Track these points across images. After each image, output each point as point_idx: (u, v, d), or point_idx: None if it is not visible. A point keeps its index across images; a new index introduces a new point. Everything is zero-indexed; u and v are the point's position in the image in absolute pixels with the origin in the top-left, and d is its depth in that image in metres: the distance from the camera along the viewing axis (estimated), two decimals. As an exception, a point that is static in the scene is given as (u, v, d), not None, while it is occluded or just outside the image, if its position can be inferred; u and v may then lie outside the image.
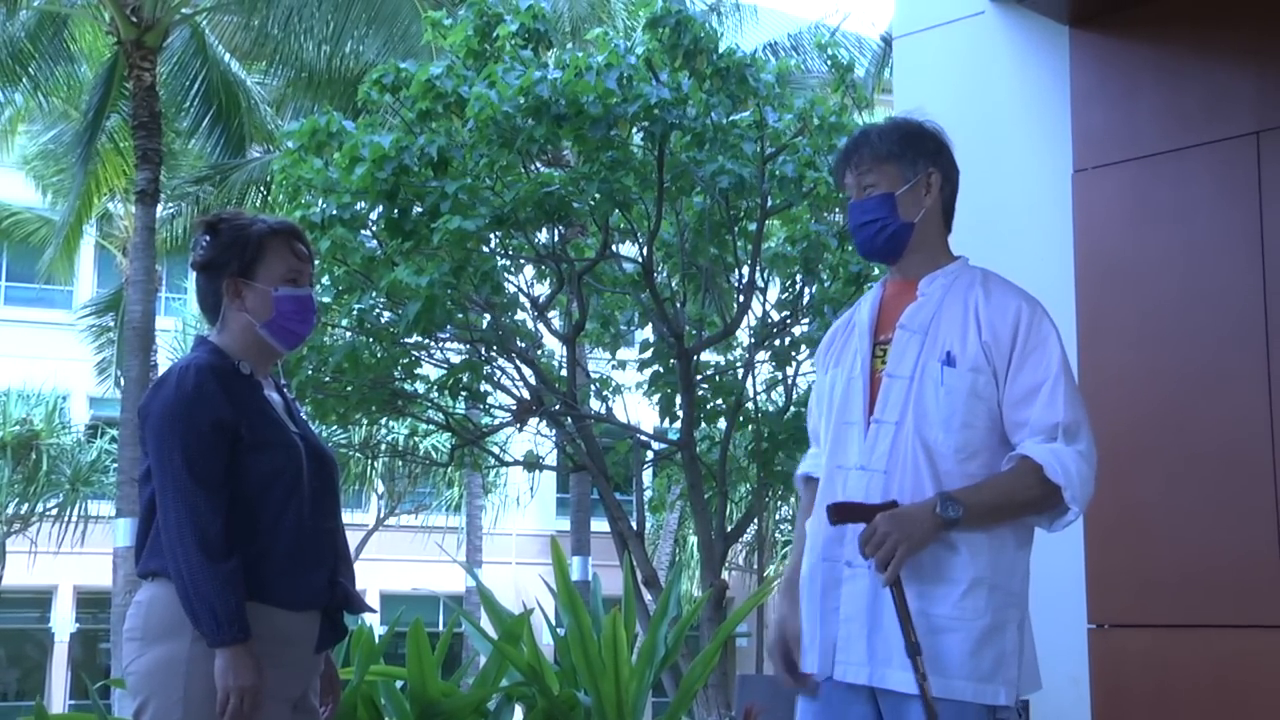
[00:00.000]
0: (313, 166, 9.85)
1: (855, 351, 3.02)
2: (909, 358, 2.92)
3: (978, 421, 2.88)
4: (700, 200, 10.29)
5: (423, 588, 17.49)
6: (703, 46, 9.72)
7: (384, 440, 17.12)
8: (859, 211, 3.03)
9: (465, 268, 9.65)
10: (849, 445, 2.94)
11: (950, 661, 2.79)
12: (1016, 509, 2.87)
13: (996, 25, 5.34)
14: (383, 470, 21.93)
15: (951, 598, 2.82)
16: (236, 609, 2.96)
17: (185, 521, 2.98)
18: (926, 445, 2.86)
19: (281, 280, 3.20)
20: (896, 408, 2.90)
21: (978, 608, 2.82)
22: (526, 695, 5.80)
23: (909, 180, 3.02)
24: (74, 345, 22.80)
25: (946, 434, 2.86)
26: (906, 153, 3.04)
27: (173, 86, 16.85)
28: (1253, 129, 4.60)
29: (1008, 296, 2.98)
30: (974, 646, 2.80)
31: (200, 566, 2.95)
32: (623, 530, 10.97)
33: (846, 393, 2.98)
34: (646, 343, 11.48)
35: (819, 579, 2.92)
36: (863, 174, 3.03)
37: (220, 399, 3.07)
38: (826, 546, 2.91)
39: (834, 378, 3.05)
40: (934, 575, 2.82)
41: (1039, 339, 2.92)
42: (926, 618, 2.80)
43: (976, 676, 2.80)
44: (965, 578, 2.83)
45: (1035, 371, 2.88)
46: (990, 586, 2.84)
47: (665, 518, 20.66)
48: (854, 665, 2.84)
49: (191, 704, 2.98)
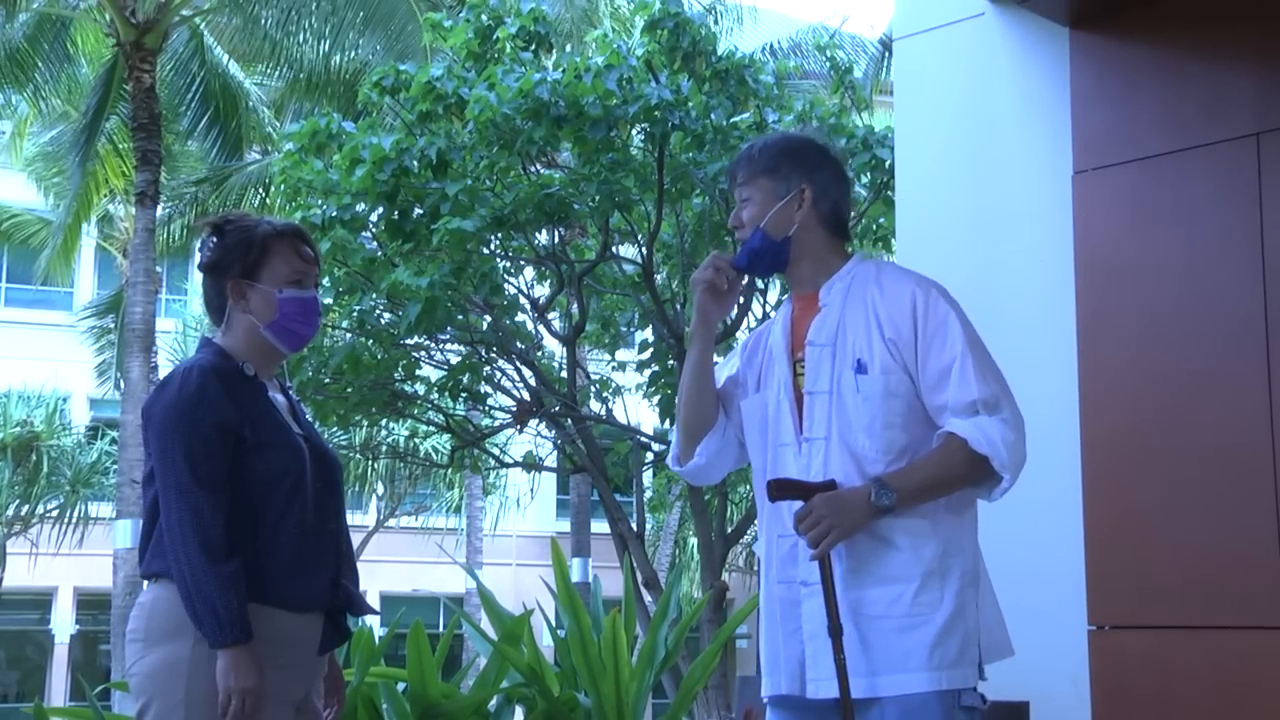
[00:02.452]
0: (313, 168, 9.86)
1: (776, 373, 3.03)
2: (824, 372, 2.94)
3: (897, 420, 2.90)
4: (700, 201, 10.30)
5: (423, 589, 17.50)
6: (701, 48, 9.73)
7: (384, 442, 17.12)
8: (744, 250, 3.06)
9: (465, 269, 9.66)
10: (786, 466, 2.95)
11: (918, 658, 2.81)
12: (948, 484, 2.88)
13: (996, 27, 5.34)
14: (383, 472, 21.93)
15: (906, 598, 2.83)
16: (238, 610, 2.96)
17: (187, 523, 2.99)
18: (854, 454, 2.88)
19: (285, 282, 3.21)
20: (822, 423, 2.92)
21: (934, 600, 2.84)
22: (527, 697, 5.80)
23: (781, 195, 3.03)
24: (74, 347, 22.81)
25: (870, 439, 2.88)
26: (782, 167, 3.05)
27: (172, 88, 16.87)
28: (1253, 131, 4.60)
29: (900, 285, 2.98)
30: (937, 639, 2.82)
31: (202, 568, 2.96)
32: (623, 531, 10.97)
33: (776, 415, 3.00)
34: (646, 344, 11.49)
35: (776, 600, 2.94)
36: (740, 186, 3.07)
37: (223, 400, 3.08)
38: (781, 568, 2.94)
39: (762, 400, 3.05)
40: (884, 576, 2.84)
41: (938, 321, 2.92)
42: (884, 620, 2.82)
43: (944, 665, 2.82)
44: (916, 574, 2.84)
45: (941, 354, 2.90)
46: (943, 574, 2.86)
47: (665, 519, 20.67)
48: (824, 680, 2.84)
49: (193, 706, 2.99)
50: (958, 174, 5.40)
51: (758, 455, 3.05)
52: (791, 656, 2.89)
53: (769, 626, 2.96)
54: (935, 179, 5.53)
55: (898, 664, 2.80)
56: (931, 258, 5.43)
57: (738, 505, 13.25)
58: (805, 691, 2.87)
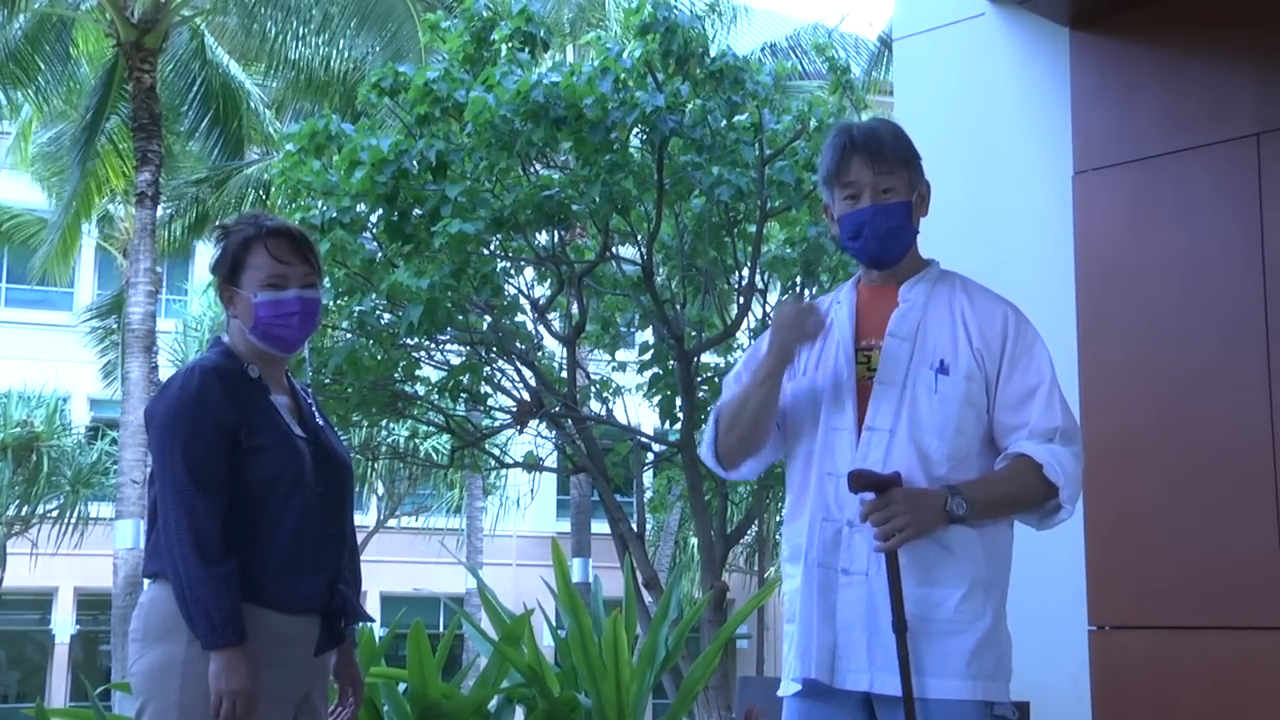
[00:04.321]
0: (312, 169, 9.85)
1: (837, 357, 2.99)
2: (900, 365, 2.91)
3: (969, 428, 2.89)
4: (699, 203, 10.30)
5: (423, 589, 17.48)
6: (693, 51, 9.71)
7: (384, 442, 17.11)
8: (883, 217, 2.97)
9: (465, 270, 9.66)
10: (839, 452, 2.92)
11: (957, 663, 2.81)
12: (1016, 506, 2.89)
13: (996, 27, 5.34)
14: (383, 472, 21.92)
15: (951, 601, 2.83)
16: (231, 612, 2.96)
17: (183, 524, 2.99)
18: (921, 452, 2.86)
19: (261, 285, 3.20)
20: (889, 415, 2.89)
21: (977, 609, 2.84)
22: (527, 697, 5.80)
23: (915, 188, 3.04)
24: (75, 347, 22.80)
25: (941, 441, 2.87)
26: (916, 160, 3.06)
27: (172, 88, 16.87)
28: (1253, 131, 4.60)
29: (992, 303, 3.00)
30: (977, 648, 2.82)
31: (196, 568, 2.96)
32: (623, 532, 10.97)
33: (833, 399, 2.96)
34: (646, 345, 11.49)
35: (814, 584, 2.90)
36: (882, 175, 2.98)
37: (223, 402, 3.08)
38: (822, 553, 2.90)
39: (813, 383, 3.01)
40: (932, 579, 2.83)
41: (1026, 344, 2.94)
42: (928, 623, 2.81)
43: (982, 675, 2.82)
44: (964, 580, 2.84)
45: (1027, 376, 2.91)
46: (987, 586, 2.86)
47: (665, 519, 20.66)
48: (855, 672, 2.84)
49: (187, 707, 2.99)
50: (958, 174, 5.40)
51: (803, 438, 3.01)
52: (824, 644, 2.87)
53: (804, 608, 2.92)
54: (935, 179, 5.46)
55: (937, 667, 2.79)
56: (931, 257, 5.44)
57: (738, 506, 13.24)
58: (833, 680, 2.86)
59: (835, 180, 3.02)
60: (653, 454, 12.62)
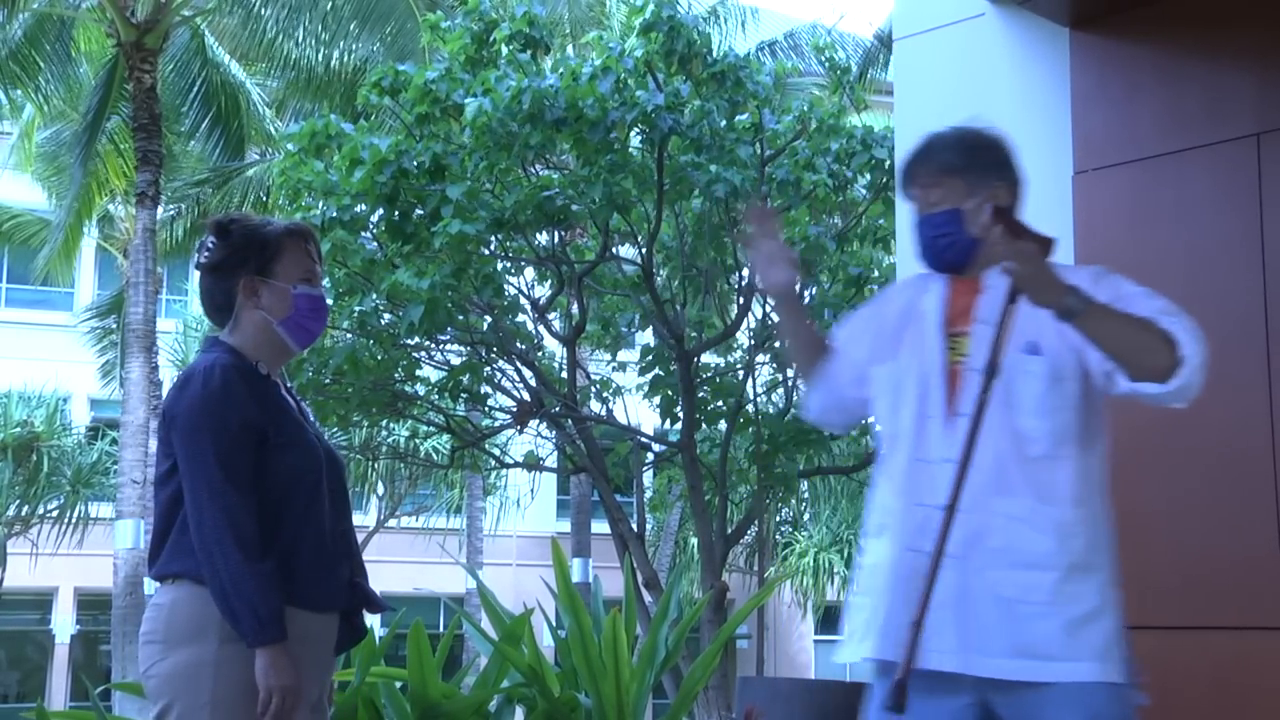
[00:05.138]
0: (312, 169, 9.86)
1: (926, 343, 3.02)
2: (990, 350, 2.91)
3: (1069, 402, 2.91)
4: (699, 203, 10.30)
5: (423, 589, 17.47)
6: (696, 51, 9.72)
7: (384, 442, 17.11)
8: (927, 226, 3.02)
9: (466, 270, 9.66)
10: (930, 438, 2.94)
11: (1053, 645, 2.80)
12: (1133, 340, 2.84)
13: (996, 27, 5.34)
14: (383, 472, 21.92)
15: (1046, 585, 2.83)
16: (277, 609, 2.97)
17: (222, 522, 2.98)
18: (1015, 434, 2.87)
19: (298, 279, 3.23)
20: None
21: (1076, 592, 2.84)
22: (527, 697, 5.80)
23: (975, 194, 3.01)
24: (75, 347, 22.80)
25: (1038, 419, 2.88)
26: (974, 166, 3.03)
27: (173, 88, 16.87)
28: (1253, 131, 4.60)
29: (1077, 271, 3.00)
30: (1075, 628, 2.81)
31: (240, 567, 2.95)
32: (623, 532, 10.97)
33: (922, 386, 2.98)
34: (646, 345, 11.49)
35: (903, 568, 2.90)
36: (929, 188, 3.02)
37: (246, 398, 3.08)
38: (911, 536, 2.91)
39: (903, 368, 3.03)
40: (1028, 561, 2.83)
41: (1112, 283, 2.96)
42: (1021, 605, 2.81)
43: (1089, 656, 2.81)
44: (1061, 564, 2.84)
45: (1119, 286, 2.94)
46: (1086, 568, 2.87)
47: (666, 519, 20.65)
48: (943, 653, 2.83)
49: (219, 706, 2.98)
50: (958, 174, 5.39)
51: (892, 420, 3.03)
52: (905, 625, 2.85)
53: (889, 591, 2.91)
54: (935, 179, 5.53)
55: (1033, 649, 2.79)
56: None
57: (738, 506, 13.23)
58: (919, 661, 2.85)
59: (904, 197, 3.12)
60: (653, 454, 12.62)
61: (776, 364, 11.64)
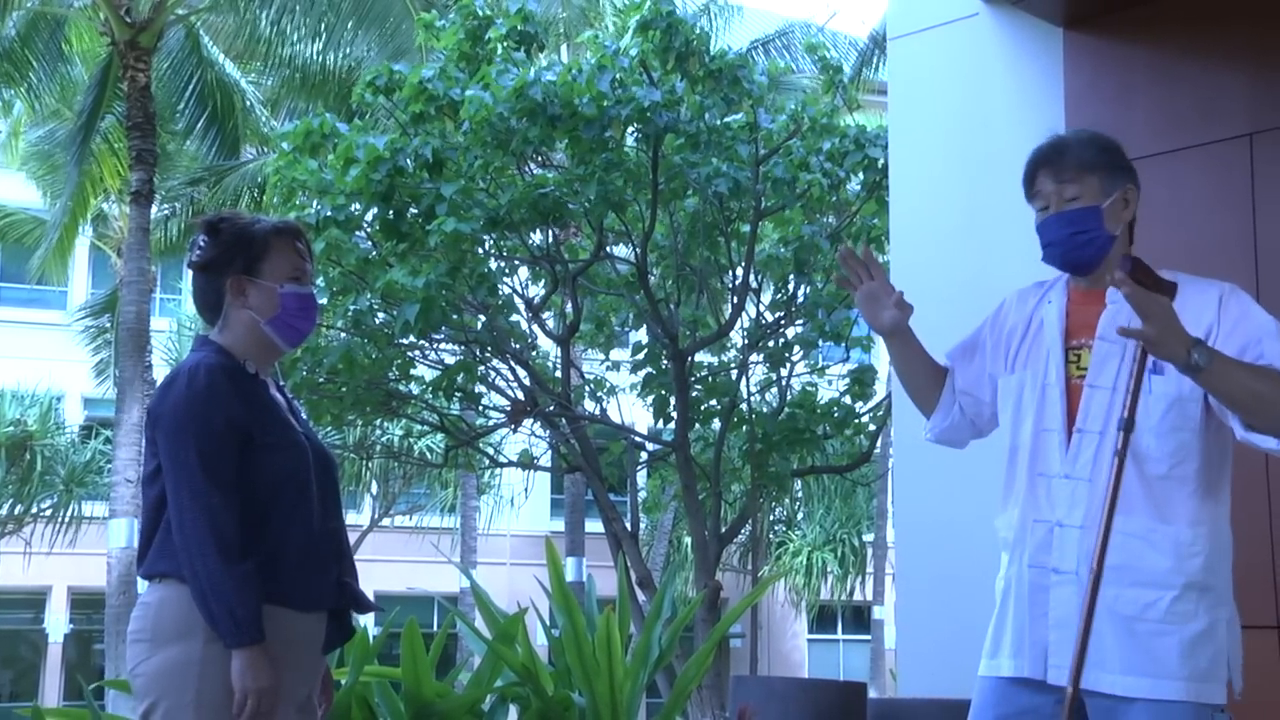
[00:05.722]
0: (307, 168, 9.86)
1: (1048, 357, 3.01)
2: (1110, 368, 2.92)
3: (1188, 424, 2.89)
4: (693, 202, 10.31)
5: (417, 588, 17.47)
6: (694, 49, 9.73)
7: (379, 441, 17.12)
8: (1063, 223, 2.99)
9: (460, 269, 9.66)
10: (1048, 453, 2.95)
11: (1168, 663, 2.82)
12: (1259, 394, 2.80)
13: (991, 27, 5.35)
14: (377, 471, 21.92)
15: (1163, 603, 2.84)
16: (255, 610, 2.96)
17: (202, 523, 2.98)
18: (1136, 453, 2.85)
19: (286, 277, 3.22)
20: (1100, 418, 2.90)
21: (1190, 611, 2.85)
22: (521, 696, 5.80)
23: (1110, 193, 3.01)
24: (69, 346, 22.76)
25: (1158, 439, 2.87)
26: (1109, 165, 3.04)
27: (168, 87, 16.84)
28: (1246, 131, 4.61)
29: (1205, 289, 2.97)
30: (1189, 648, 2.83)
31: (218, 568, 2.95)
32: (617, 531, 10.98)
33: (1041, 399, 2.99)
34: (640, 344, 11.49)
35: (1026, 584, 2.94)
36: (1065, 183, 3.00)
37: (232, 398, 3.08)
38: (1034, 553, 2.93)
39: (1023, 380, 3.04)
40: (1146, 580, 2.84)
41: (1242, 309, 2.92)
42: (1139, 622, 2.83)
43: (1195, 677, 2.83)
44: (1178, 583, 2.85)
45: (1249, 327, 2.88)
46: (1202, 589, 2.87)
47: (659, 518, 20.66)
48: (1065, 668, 2.84)
49: (204, 706, 2.98)
50: (952, 174, 5.41)
51: (1012, 433, 3.04)
52: (1037, 642, 2.90)
53: (1016, 609, 2.95)
54: (930, 179, 5.54)
55: (1149, 667, 2.81)
56: (926, 258, 5.44)
57: (732, 505, 13.24)
58: (1047, 677, 2.88)
59: (1029, 196, 3.08)
60: (647, 453, 12.62)
61: (770, 363, 11.64)
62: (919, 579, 5.38)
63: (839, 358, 11.62)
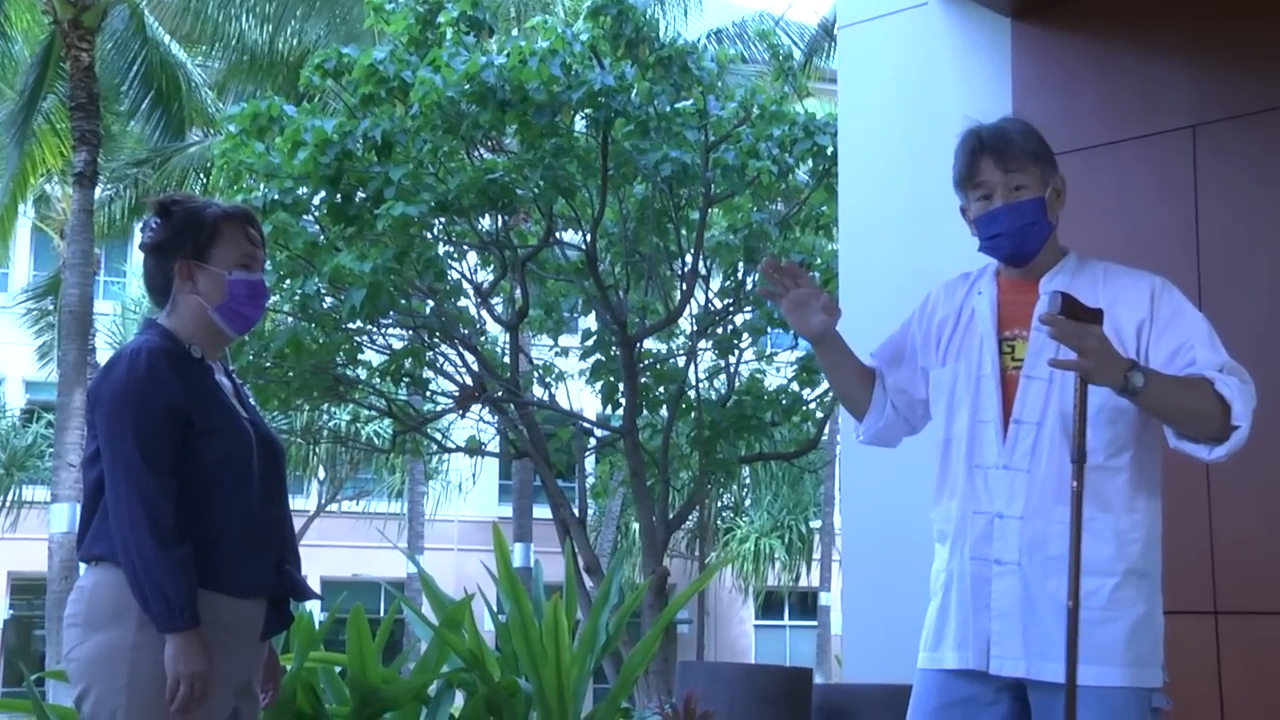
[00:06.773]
0: (254, 151, 9.78)
1: (981, 348, 3.00)
2: (1046, 359, 2.90)
3: (1124, 415, 2.90)
4: (642, 188, 10.31)
5: (364, 574, 17.42)
6: (644, 35, 9.73)
7: (326, 426, 17.02)
8: (1015, 214, 2.98)
9: (408, 254, 9.63)
10: (986, 445, 2.94)
11: (1113, 651, 2.84)
12: (1191, 408, 2.83)
13: (939, 16, 5.37)
14: (324, 456, 21.81)
15: (1104, 591, 2.85)
16: (189, 595, 2.94)
17: (137, 507, 2.95)
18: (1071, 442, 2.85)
19: (235, 264, 3.18)
20: (1036, 408, 2.90)
21: (1131, 597, 2.87)
22: (467, 682, 5.79)
23: (1049, 183, 3.01)
24: (10, 329, 22.51)
25: (1095, 431, 2.86)
26: (1048, 155, 3.04)
27: (112, 68, 16.66)
28: (1189, 123, 4.66)
29: (1136, 281, 2.99)
30: (1130, 634, 2.85)
31: (152, 552, 2.93)
32: (565, 517, 10.98)
33: (975, 392, 2.98)
34: (589, 330, 11.50)
35: (968, 576, 2.93)
36: (1013, 173, 2.99)
37: (172, 383, 3.05)
38: (975, 545, 2.93)
39: (956, 372, 3.03)
40: (1087, 568, 2.82)
41: (1174, 308, 2.94)
42: (1082, 611, 2.81)
43: (1136, 663, 2.85)
44: (1119, 569, 2.87)
45: (1181, 329, 2.90)
46: (1140, 574, 2.89)
47: (607, 504, 20.68)
48: (1010, 659, 2.87)
49: (136, 691, 2.96)
50: (900, 163, 5.43)
51: (946, 425, 3.03)
52: (980, 633, 2.90)
53: (959, 601, 2.95)
54: (878, 167, 5.56)
55: (1092, 655, 2.81)
56: (874, 246, 5.47)
57: (680, 492, 13.27)
58: (989, 667, 2.89)
59: (968, 182, 3.05)
60: (595, 439, 12.63)
61: (718, 350, 11.67)
62: (866, 566, 5.41)
63: (787, 345, 11.66)
